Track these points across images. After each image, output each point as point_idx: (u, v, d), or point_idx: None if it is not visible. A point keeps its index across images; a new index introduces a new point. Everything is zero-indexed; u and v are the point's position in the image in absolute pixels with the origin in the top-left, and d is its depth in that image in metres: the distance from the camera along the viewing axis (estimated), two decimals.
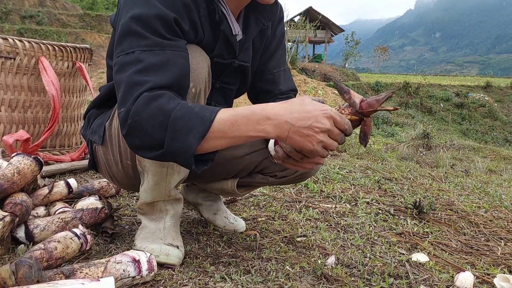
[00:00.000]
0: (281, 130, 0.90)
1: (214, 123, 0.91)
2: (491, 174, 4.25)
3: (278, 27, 1.34)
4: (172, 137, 0.91)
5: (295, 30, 25.63)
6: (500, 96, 25.93)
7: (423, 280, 1.27)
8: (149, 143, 0.93)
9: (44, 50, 2.16)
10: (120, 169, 1.22)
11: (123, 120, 0.94)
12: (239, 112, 0.92)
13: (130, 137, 0.95)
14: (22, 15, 22.62)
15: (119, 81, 0.97)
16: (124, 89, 0.95)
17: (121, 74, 0.97)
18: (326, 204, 1.99)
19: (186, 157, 0.92)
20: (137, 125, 0.92)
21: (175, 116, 0.91)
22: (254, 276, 1.15)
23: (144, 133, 0.92)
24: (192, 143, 0.90)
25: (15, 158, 1.28)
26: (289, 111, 0.90)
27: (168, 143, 0.91)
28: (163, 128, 0.91)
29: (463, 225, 1.86)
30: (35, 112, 2.20)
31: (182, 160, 0.93)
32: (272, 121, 0.90)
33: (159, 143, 0.92)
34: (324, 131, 0.90)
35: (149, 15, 0.98)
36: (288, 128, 0.90)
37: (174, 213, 1.24)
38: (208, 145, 0.93)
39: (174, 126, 0.90)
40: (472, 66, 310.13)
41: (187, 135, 0.90)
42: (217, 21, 1.11)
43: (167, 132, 0.91)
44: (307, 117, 0.90)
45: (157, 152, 0.94)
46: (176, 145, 0.91)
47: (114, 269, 0.98)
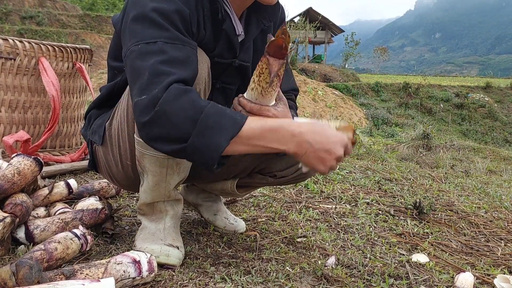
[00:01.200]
0: (300, 148, 0.96)
1: (244, 127, 0.93)
2: (491, 174, 4.25)
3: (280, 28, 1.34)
4: (201, 133, 0.91)
5: (295, 31, 25.64)
6: (500, 96, 25.94)
7: (423, 280, 1.27)
8: (171, 135, 0.92)
9: (44, 50, 2.16)
10: (120, 169, 1.22)
11: (146, 107, 0.92)
12: (267, 122, 0.96)
13: (150, 126, 0.93)
14: (22, 15, 22.63)
15: (140, 68, 0.96)
16: (149, 76, 0.94)
17: (143, 62, 0.96)
18: (326, 204, 1.99)
19: (211, 156, 0.92)
20: (164, 115, 0.91)
21: (207, 113, 0.91)
22: (254, 277, 1.15)
23: (169, 124, 0.91)
24: (222, 143, 0.92)
25: (15, 159, 1.28)
26: (311, 132, 0.96)
27: (194, 138, 0.91)
28: (193, 122, 0.90)
29: (463, 226, 1.86)
30: (35, 113, 2.20)
31: (205, 158, 0.93)
32: (296, 139, 0.95)
33: (183, 137, 0.91)
34: (337, 158, 0.98)
35: (170, 9, 0.99)
36: (307, 147, 0.96)
37: (174, 213, 1.24)
38: (232, 149, 0.94)
39: (206, 122, 0.91)
40: (472, 67, 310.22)
41: (218, 134, 0.91)
42: (219, 20, 1.12)
43: (196, 127, 0.90)
44: (326, 142, 0.97)
45: (177, 146, 0.93)
46: (203, 141, 0.91)
47: (114, 270, 0.98)
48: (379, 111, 18.77)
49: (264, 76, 1.01)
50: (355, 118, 17.02)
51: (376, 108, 19.85)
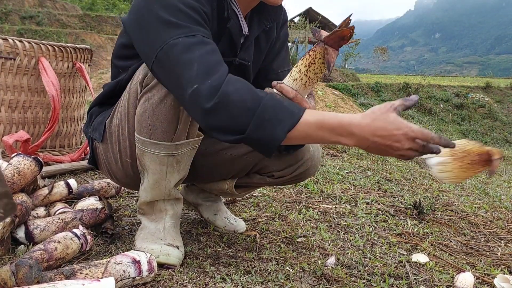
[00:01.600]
0: (361, 144, 0.94)
1: (302, 121, 0.93)
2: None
3: (283, 29, 1.35)
4: (259, 125, 0.92)
5: (295, 31, 25.65)
6: (500, 96, 25.94)
7: (423, 280, 1.27)
8: (231, 126, 0.93)
9: (44, 50, 2.16)
10: (119, 167, 1.22)
11: (209, 94, 0.92)
12: (326, 118, 0.93)
13: (212, 115, 0.93)
14: (22, 15, 22.62)
15: (189, 60, 0.95)
16: (201, 66, 0.94)
17: (190, 53, 0.95)
18: (326, 204, 1.99)
19: (269, 147, 0.94)
20: (226, 105, 0.92)
21: (265, 105, 0.92)
22: (254, 277, 1.15)
23: (229, 115, 0.92)
24: (280, 135, 0.92)
25: (15, 159, 1.28)
26: (372, 129, 0.92)
27: (252, 130, 0.92)
28: (251, 113, 0.92)
29: (463, 226, 1.86)
30: (35, 113, 2.20)
31: (263, 148, 0.96)
32: (355, 137, 0.93)
33: (242, 128, 0.93)
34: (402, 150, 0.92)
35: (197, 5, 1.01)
36: (368, 143, 0.93)
37: (174, 213, 1.24)
38: (289, 141, 0.94)
39: (263, 114, 0.92)
40: (472, 67, 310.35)
41: (276, 126, 0.92)
42: (225, 18, 1.12)
43: (253, 119, 0.92)
44: (388, 137, 0.91)
45: (236, 136, 0.94)
46: (261, 133, 0.92)
47: (114, 270, 0.98)
48: None
49: (315, 66, 1.01)
50: None
51: None
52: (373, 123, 0.92)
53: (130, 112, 1.13)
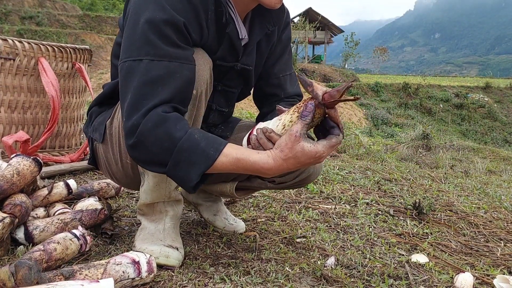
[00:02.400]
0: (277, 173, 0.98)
1: (217, 163, 0.96)
2: (490, 174, 4.25)
3: (285, 32, 1.33)
4: (176, 165, 0.96)
5: (295, 31, 25.65)
6: (499, 96, 25.95)
7: (422, 281, 1.27)
8: (153, 161, 0.99)
9: (44, 51, 2.16)
10: (119, 167, 1.22)
11: (130, 132, 0.98)
12: (242, 157, 0.97)
13: (134, 151, 1.00)
14: (22, 16, 22.62)
15: (126, 88, 1.00)
16: (131, 99, 0.98)
17: (128, 81, 1.00)
18: (326, 205, 1.99)
19: (186, 186, 0.99)
20: (143, 145, 0.97)
21: (181, 148, 0.95)
22: (253, 277, 1.15)
23: (149, 152, 0.98)
24: (193, 178, 0.97)
25: (15, 159, 1.28)
26: (285, 168, 0.96)
27: (170, 168, 0.97)
28: (169, 153, 0.96)
29: (463, 226, 1.86)
30: (34, 113, 2.20)
31: (182, 186, 1.01)
32: (269, 173, 0.98)
33: (163, 163, 0.97)
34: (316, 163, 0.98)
35: (161, 20, 0.98)
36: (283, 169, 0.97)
37: (174, 214, 1.24)
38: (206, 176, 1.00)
39: (179, 157, 0.96)
40: (471, 67, 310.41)
41: (189, 169, 0.96)
42: (223, 23, 1.11)
43: (171, 158, 0.96)
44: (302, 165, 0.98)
45: (160, 169, 0.99)
46: (178, 173, 0.97)
47: (113, 271, 0.98)
48: (379, 111, 18.78)
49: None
50: (354, 118, 17.03)
51: (375, 108, 19.85)
52: (285, 163, 0.96)
53: None
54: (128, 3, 1.08)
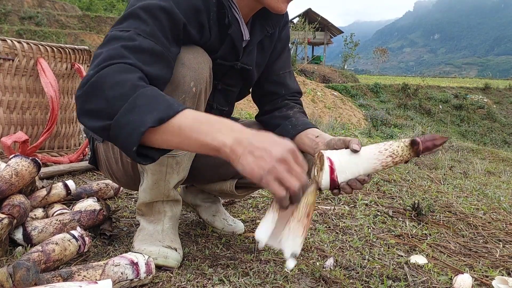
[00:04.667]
0: (238, 146, 0.79)
1: (178, 115, 0.82)
2: (489, 175, 4.25)
3: (284, 30, 1.35)
4: (129, 110, 0.81)
5: (294, 32, 25.66)
6: (498, 97, 25.98)
7: (421, 282, 1.27)
8: (101, 110, 0.83)
9: (43, 51, 2.16)
10: (119, 167, 1.23)
11: (88, 78, 0.85)
12: (207, 115, 0.85)
13: (84, 97, 0.85)
14: (21, 16, 22.59)
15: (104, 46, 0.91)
16: (104, 56, 0.88)
17: (107, 45, 0.91)
18: (325, 205, 1.99)
19: (132, 135, 0.81)
20: (98, 86, 0.84)
21: (142, 93, 0.83)
22: (252, 278, 1.15)
23: (101, 97, 0.83)
24: (146, 121, 0.80)
25: (13, 160, 1.28)
26: (254, 134, 0.82)
27: (121, 114, 0.81)
28: (124, 99, 0.82)
29: (462, 227, 1.86)
30: (33, 114, 2.20)
31: (126, 138, 0.82)
32: (234, 133, 0.81)
33: (112, 112, 0.82)
34: (280, 160, 0.78)
35: (158, 6, 0.96)
36: (245, 145, 0.79)
37: (173, 215, 1.24)
38: (159, 138, 0.83)
39: (136, 101, 0.82)
40: (471, 68, 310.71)
41: (146, 113, 0.81)
42: (226, 25, 1.12)
43: (126, 104, 0.82)
44: (267, 141, 0.80)
45: (104, 122, 0.83)
46: (129, 118, 0.81)
47: (112, 272, 0.98)
48: (378, 112, 18.79)
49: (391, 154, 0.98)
50: (354, 119, 17.04)
51: (375, 109, 19.87)
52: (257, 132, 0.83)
53: None
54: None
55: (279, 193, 0.79)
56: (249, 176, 0.80)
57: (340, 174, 0.97)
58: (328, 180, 0.96)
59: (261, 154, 0.78)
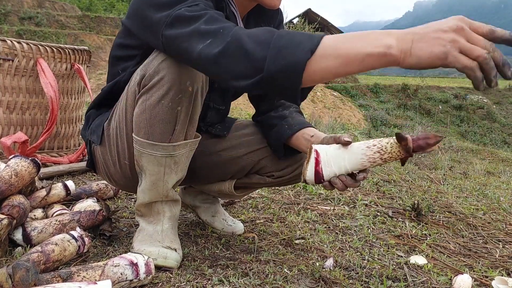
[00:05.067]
0: (404, 42, 0.74)
1: (324, 39, 0.79)
2: (489, 176, 4.25)
3: (278, 29, 1.34)
4: (276, 55, 0.80)
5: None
6: (498, 98, 25.98)
7: (421, 282, 1.27)
8: (246, 66, 0.82)
9: (43, 51, 2.16)
10: (117, 169, 1.22)
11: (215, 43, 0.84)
12: (353, 33, 0.81)
13: (223, 59, 0.84)
14: (21, 16, 22.57)
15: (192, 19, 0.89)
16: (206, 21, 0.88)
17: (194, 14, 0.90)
18: (325, 206, 1.99)
19: (294, 76, 0.79)
20: (235, 45, 0.83)
21: (279, 34, 0.82)
22: (252, 279, 1.15)
23: (242, 54, 0.82)
24: (301, 57, 0.78)
25: (13, 160, 1.28)
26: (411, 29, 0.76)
27: (270, 63, 0.80)
28: (265, 46, 0.80)
29: (461, 228, 1.86)
30: (33, 114, 2.20)
31: (288, 81, 0.80)
32: (394, 35, 0.75)
33: (259, 65, 0.81)
34: (455, 30, 0.71)
35: None
36: (411, 37, 0.73)
37: (172, 215, 1.23)
38: (317, 66, 0.79)
39: (279, 43, 0.80)
40: None
41: (294, 49, 0.79)
42: None
43: (269, 50, 0.80)
44: (431, 25, 0.74)
45: (254, 79, 0.82)
46: (281, 63, 0.79)
47: (111, 272, 0.98)
48: (378, 113, 18.78)
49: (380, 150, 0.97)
50: (353, 119, 17.04)
51: (374, 109, 19.86)
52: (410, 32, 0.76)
53: (128, 113, 1.13)
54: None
55: (470, 65, 0.71)
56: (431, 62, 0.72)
57: (325, 167, 0.98)
58: (313, 171, 0.98)
59: (433, 35, 0.72)
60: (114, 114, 1.19)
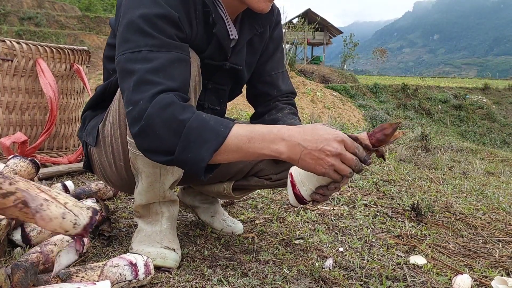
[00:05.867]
0: (293, 152, 0.93)
1: (229, 137, 0.93)
2: (489, 176, 4.26)
3: (276, 30, 1.34)
4: (185, 147, 0.92)
5: (294, 32, 25.66)
6: (498, 98, 26.00)
7: (420, 282, 1.27)
8: (159, 148, 0.94)
9: (42, 52, 2.16)
10: (114, 171, 1.22)
11: (135, 119, 0.94)
12: (255, 129, 0.95)
13: (140, 138, 0.95)
14: (21, 16, 22.58)
15: (127, 78, 0.97)
16: (134, 86, 0.94)
17: (128, 71, 0.97)
18: (324, 206, 1.99)
19: (196, 168, 0.94)
20: (151, 129, 0.92)
21: (190, 127, 0.92)
22: (251, 279, 1.14)
23: (156, 138, 0.93)
24: (204, 157, 0.92)
25: (12, 161, 1.28)
26: (302, 134, 0.93)
27: (179, 152, 0.93)
28: (177, 136, 0.92)
29: (461, 228, 1.86)
30: (32, 114, 2.20)
31: (192, 170, 0.95)
32: (286, 142, 0.93)
33: (170, 149, 0.93)
34: (335, 154, 0.92)
35: (157, 14, 0.99)
36: (300, 150, 0.92)
37: (170, 215, 1.23)
38: (221, 158, 0.95)
39: (188, 137, 0.92)
40: (470, 68, 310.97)
41: (200, 147, 0.92)
42: (211, 24, 1.12)
43: (180, 141, 0.92)
44: (319, 140, 0.92)
45: (166, 157, 0.95)
46: (188, 155, 0.93)
47: (110, 273, 0.97)
48: (378, 113, 18.80)
49: None
50: (353, 119, 17.04)
51: (374, 109, 19.88)
52: (302, 129, 0.95)
53: (121, 115, 1.13)
54: (120, 3, 1.08)
55: (337, 179, 0.95)
56: (313, 172, 0.95)
57: (300, 187, 1.02)
58: (293, 195, 1.03)
59: (318, 155, 0.92)
60: (108, 115, 1.19)
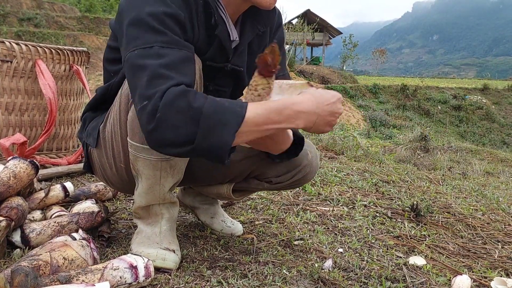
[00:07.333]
0: (309, 121, 0.98)
1: (247, 116, 0.93)
2: (488, 176, 4.26)
3: (277, 32, 1.34)
4: (205, 134, 0.91)
5: (293, 33, 25.66)
6: (497, 98, 26.00)
7: (420, 283, 1.27)
8: (178, 139, 0.92)
9: (41, 53, 2.15)
10: (114, 172, 1.22)
11: (150, 114, 0.92)
12: (270, 106, 0.96)
13: (157, 133, 0.93)
14: (20, 17, 22.56)
15: (139, 73, 0.95)
16: (147, 81, 0.93)
17: (139, 66, 0.96)
18: (324, 207, 1.99)
19: (221, 153, 0.93)
20: (166, 122, 0.91)
21: (206, 112, 0.91)
22: (251, 280, 1.14)
23: (174, 129, 0.91)
24: (228, 140, 0.92)
25: (11, 162, 1.28)
26: (315, 104, 0.98)
27: (200, 139, 0.91)
28: (195, 124, 0.91)
29: (461, 228, 1.86)
30: (32, 115, 2.20)
31: (216, 156, 0.94)
32: (304, 115, 0.97)
33: (190, 139, 0.92)
34: (340, 113, 1.03)
35: (165, 13, 0.99)
36: (315, 119, 0.98)
37: (170, 216, 1.23)
38: (241, 139, 0.95)
39: (207, 122, 0.91)
40: (469, 69, 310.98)
41: (222, 131, 0.91)
42: (213, 25, 1.11)
43: (199, 129, 0.91)
44: (329, 104, 1.00)
45: (186, 148, 0.93)
46: (210, 141, 0.92)
47: (110, 276, 0.97)
48: (377, 113, 18.79)
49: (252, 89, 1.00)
50: (353, 120, 17.05)
51: (374, 110, 19.87)
52: (312, 96, 0.99)
53: (122, 117, 1.13)
54: (121, 5, 1.08)
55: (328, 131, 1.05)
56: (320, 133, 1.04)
57: None
58: None
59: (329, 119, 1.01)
60: (109, 117, 1.19)
